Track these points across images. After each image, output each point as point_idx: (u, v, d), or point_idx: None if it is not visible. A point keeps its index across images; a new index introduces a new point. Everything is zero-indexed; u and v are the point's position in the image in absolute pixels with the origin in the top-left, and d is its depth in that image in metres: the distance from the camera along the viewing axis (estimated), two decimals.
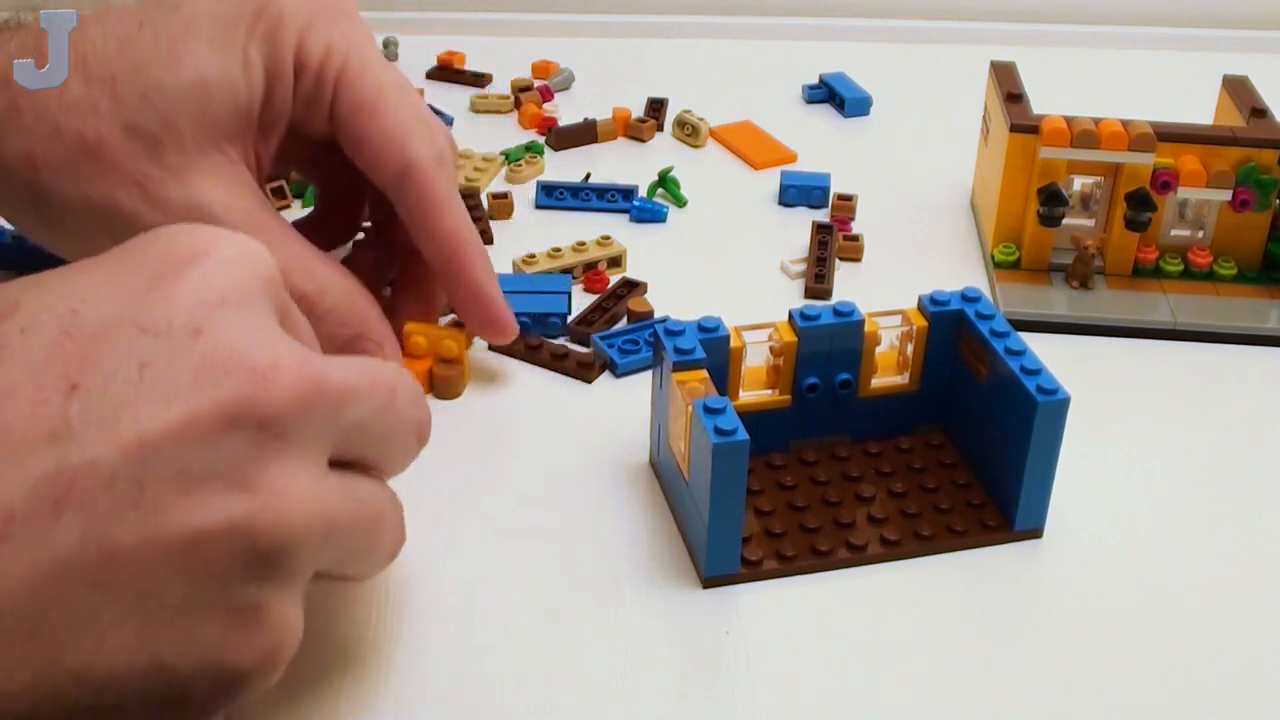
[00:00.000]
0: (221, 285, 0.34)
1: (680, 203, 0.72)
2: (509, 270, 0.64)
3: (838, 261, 0.66)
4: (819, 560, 0.48)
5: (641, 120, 0.79)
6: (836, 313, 0.50)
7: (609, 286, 0.64)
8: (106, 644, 0.32)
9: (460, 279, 0.53)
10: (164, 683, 0.33)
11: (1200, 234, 0.65)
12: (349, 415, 0.36)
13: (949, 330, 0.51)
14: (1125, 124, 0.62)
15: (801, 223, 0.69)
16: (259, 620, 0.34)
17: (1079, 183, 0.65)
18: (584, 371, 0.58)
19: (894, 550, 0.48)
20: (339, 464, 0.37)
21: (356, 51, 0.51)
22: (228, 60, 0.49)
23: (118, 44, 0.48)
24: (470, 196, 0.70)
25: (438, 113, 0.79)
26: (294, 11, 0.50)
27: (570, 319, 0.61)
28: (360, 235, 0.60)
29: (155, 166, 0.48)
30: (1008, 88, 0.66)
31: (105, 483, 0.31)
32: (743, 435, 0.44)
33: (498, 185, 0.73)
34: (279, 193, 0.70)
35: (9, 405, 0.31)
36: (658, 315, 0.61)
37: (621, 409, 0.56)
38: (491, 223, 0.69)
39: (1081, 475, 0.52)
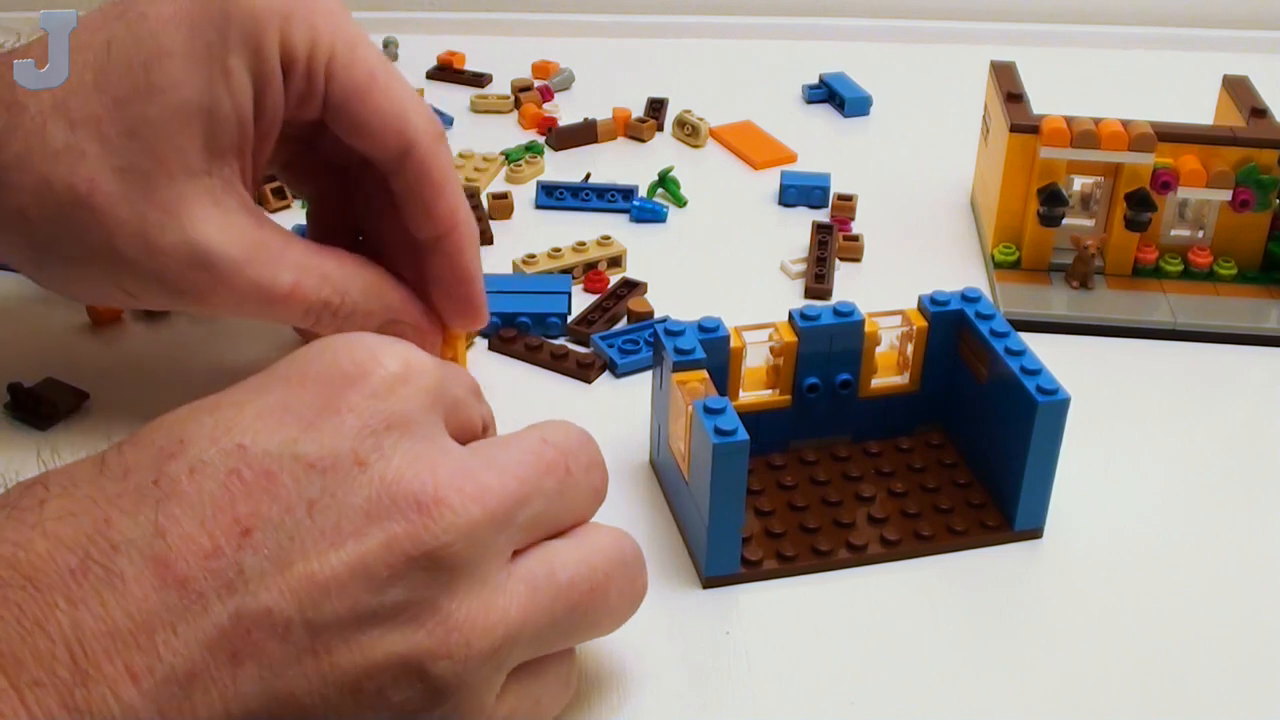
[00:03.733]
0: (385, 409, 0.35)
1: (680, 203, 0.72)
2: (509, 270, 0.65)
3: (838, 261, 0.66)
4: (819, 560, 0.48)
5: (641, 120, 0.79)
6: (836, 313, 0.50)
7: (609, 286, 0.64)
8: None
9: (452, 259, 0.51)
10: None
11: (1200, 234, 0.65)
12: (524, 516, 0.36)
13: (949, 330, 0.51)
14: (1125, 124, 0.62)
15: (801, 223, 0.69)
16: None
17: (1079, 183, 0.65)
18: (584, 371, 0.58)
19: (894, 550, 0.48)
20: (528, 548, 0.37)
21: (343, 36, 0.48)
22: (210, 78, 0.46)
23: (93, 76, 0.46)
24: (470, 196, 0.70)
25: (438, 113, 0.79)
26: (267, 6, 0.46)
27: (570, 319, 0.61)
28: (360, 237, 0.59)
29: (150, 207, 0.46)
30: (1008, 88, 0.66)
31: (280, 631, 0.32)
32: (743, 435, 0.44)
33: (498, 185, 0.73)
34: (279, 193, 0.70)
35: (185, 557, 0.32)
36: (658, 315, 0.61)
37: (621, 409, 0.55)
38: (491, 223, 0.69)
39: (1081, 475, 0.52)
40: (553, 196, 0.71)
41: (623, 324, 0.61)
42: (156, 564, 0.31)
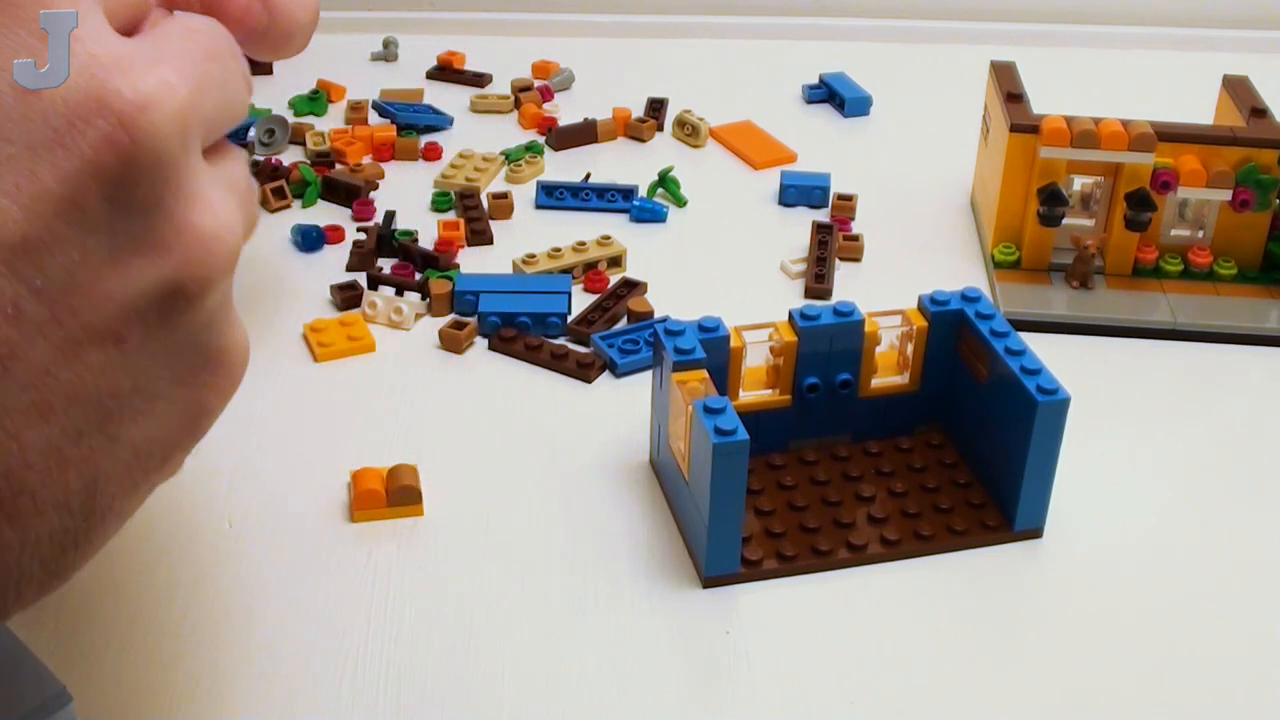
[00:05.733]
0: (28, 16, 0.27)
1: (680, 203, 0.72)
2: (509, 270, 0.65)
3: (838, 261, 0.66)
4: (819, 560, 0.48)
5: (641, 120, 0.79)
6: (836, 313, 0.50)
7: (609, 286, 0.64)
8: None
9: None
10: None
11: (1200, 234, 0.65)
12: (206, 111, 0.31)
13: (949, 330, 0.51)
14: (1125, 124, 0.62)
15: (801, 223, 0.69)
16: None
17: (1079, 183, 0.65)
18: (584, 371, 0.58)
19: (894, 550, 0.48)
20: None
21: None
22: None
23: None
24: (470, 196, 0.70)
25: (438, 113, 0.79)
26: None
27: (570, 319, 0.61)
28: None
29: None
30: (1008, 88, 0.66)
31: (11, 314, 0.27)
32: (743, 435, 0.44)
33: (498, 185, 0.73)
34: (279, 193, 0.70)
35: None
36: (658, 315, 0.61)
37: (622, 409, 0.56)
38: (491, 223, 0.69)
39: (1081, 475, 0.52)
40: (553, 196, 0.71)
41: (623, 324, 0.61)
42: None
